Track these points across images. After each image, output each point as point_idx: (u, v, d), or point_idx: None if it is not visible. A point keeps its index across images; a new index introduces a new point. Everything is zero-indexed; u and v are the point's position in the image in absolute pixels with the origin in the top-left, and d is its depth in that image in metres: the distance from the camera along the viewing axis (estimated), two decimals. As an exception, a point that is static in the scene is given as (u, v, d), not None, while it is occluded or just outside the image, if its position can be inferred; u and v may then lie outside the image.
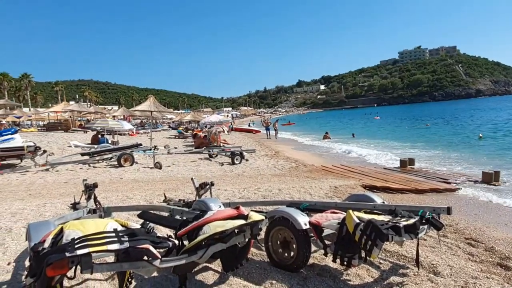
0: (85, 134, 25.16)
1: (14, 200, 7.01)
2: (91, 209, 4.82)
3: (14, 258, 3.93)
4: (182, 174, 10.41)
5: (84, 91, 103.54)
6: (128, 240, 2.40)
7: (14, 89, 74.90)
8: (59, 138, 22.05)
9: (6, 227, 5.06)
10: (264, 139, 27.54)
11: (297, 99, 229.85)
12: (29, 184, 8.85)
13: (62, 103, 43.36)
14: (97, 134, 19.06)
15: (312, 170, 10.86)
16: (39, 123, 46.01)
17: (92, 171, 10.93)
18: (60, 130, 29.86)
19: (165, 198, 6.29)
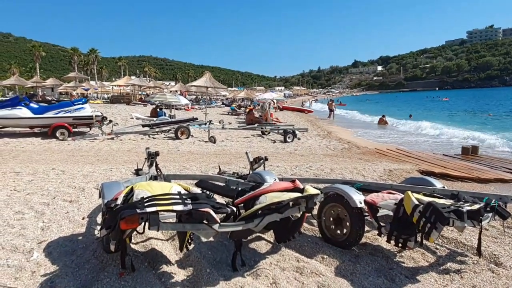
0: (144, 108, 26.37)
1: (85, 164, 7.62)
2: (152, 175, 5.13)
3: (87, 214, 4.32)
4: (235, 149, 10.64)
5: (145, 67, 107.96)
6: (191, 203, 2.56)
7: (83, 63, 79.93)
8: (121, 110, 23.32)
9: (79, 187, 5.54)
10: (317, 119, 27.20)
11: (351, 80, 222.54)
12: (97, 151, 9.54)
13: (125, 78, 45.58)
14: (156, 107, 19.89)
15: (365, 152, 10.60)
16: (104, 95, 48.92)
17: (152, 142, 11.50)
18: (122, 103, 31.55)
19: (220, 170, 6.51)
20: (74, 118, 11.61)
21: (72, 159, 8.29)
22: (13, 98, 12.61)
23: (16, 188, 5.37)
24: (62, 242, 3.49)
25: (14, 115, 11.17)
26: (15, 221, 3.99)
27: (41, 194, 5.11)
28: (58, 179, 6.08)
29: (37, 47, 71.74)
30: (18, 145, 10.11)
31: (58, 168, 7.00)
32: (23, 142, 10.49)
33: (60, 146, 10.16)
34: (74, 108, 11.70)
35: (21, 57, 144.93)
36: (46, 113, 11.53)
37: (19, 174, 6.40)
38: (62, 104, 12.38)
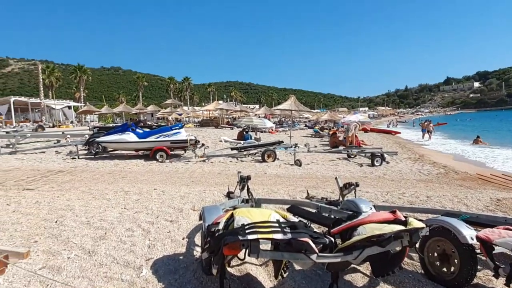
0: (231, 131, 27.50)
1: (181, 185, 8.14)
2: (244, 198, 5.26)
3: (186, 234, 4.56)
4: (321, 173, 10.47)
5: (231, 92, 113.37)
6: (290, 231, 2.55)
7: (177, 90, 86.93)
8: (211, 133, 24.63)
9: (178, 207, 5.91)
10: (406, 141, 25.63)
11: (443, 98, 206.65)
12: (191, 173, 10.14)
13: (214, 103, 48.22)
14: (242, 130, 20.60)
15: (465, 178, 9.63)
16: (195, 119, 52.30)
17: (240, 164, 11.88)
18: (211, 126, 33.35)
19: (308, 194, 6.43)
20: (172, 142, 12.58)
21: (170, 180, 8.91)
22: (123, 125, 14.16)
23: (126, 207, 5.92)
24: (166, 261, 3.72)
25: (123, 139, 12.51)
26: (126, 238, 4.38)
27: (146, 213, 5.55)
28: (160, 199, 6.56)
29: (140, 78, 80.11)
30: (126, 166, 11.22)
31: (159, 188, 7.57)
32: (129, 164, 11.63)
33: (159, 167, 11.03)
34: (172, 133, 12.70)
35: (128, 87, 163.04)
36: (148, 138, 12.69)
37: (127, 193, 7.06)
38: (162, 129, 13.51)
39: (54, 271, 3.45)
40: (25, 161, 12.47)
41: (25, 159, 12.95)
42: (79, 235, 4.46)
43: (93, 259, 3.73)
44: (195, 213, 5.54)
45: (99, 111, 46.65)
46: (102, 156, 13.30)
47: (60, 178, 8.97)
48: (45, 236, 4.41)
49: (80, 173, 9.83)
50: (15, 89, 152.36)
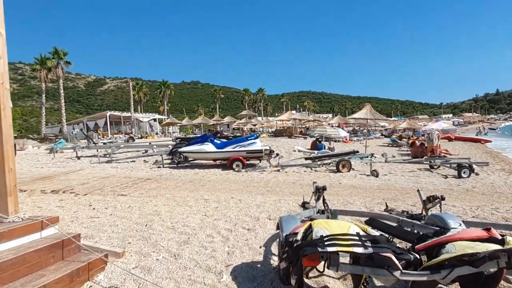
0: (304, 140, 27.32)
1: (257, 194, 8.28)
2: (320, 209, 5.18)
3: (263, 243, 4.63)
4: (400, 184, 9.90)
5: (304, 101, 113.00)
6: (371, 246, 2.45)
7: (252, 101, 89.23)
8: (284, 143, 24.74)
9: (254, 216, 6.03)
10: (498, 151, 23.11)
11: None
12: (266, 182, 10.28)
13: (287, 113, 48.50)
14: (316, 140, 20.36)
15: None
16: (269, 130, 53.03)
17: (314, 174, 11.74)
18: (285, 136, 33.51)
19: (387, 207, 6.12)
20: (248, 152, 12.91)
21: (246, 189, 9.13)
22: (202, 136, 14.90)
23: (206, 214, 6.21)
24: (244, 268, 3.81)
25: (203, 149, 13.17)
26: (207, 244, 4.58)
27: (225, 220, 5.75)
28: (237, 207, 6.75)
29: (217, 91, 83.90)
30: (205, 175, 11.76)
31: (236, 197, 7.80)
32: (208, 173, 12.17)
33: (236, 176, 11.36)
34: (247, 143, 13.04)
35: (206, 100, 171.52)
36: (225, 148, 13.18)
37: (207, 201, 7.39)
38: (238, 139, 13.93)
39: (145, 271, 3.74)
40: (119, 169, 13.74)
41: (119, 167, 14.26)
42: (165, 238, 4.78)
43: (179, 262, 3.96)
44: (271, 222, 5.60)
45: (180, 123, 49.80)
46: (183, 165, 14.12)
47: (148, 185, 9.70)
48: (137, 238, 4.80)
49: (165, 181, 10.53)
50: (110, 105, 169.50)
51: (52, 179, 11.03)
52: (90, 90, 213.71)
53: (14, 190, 3.97)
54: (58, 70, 44.40)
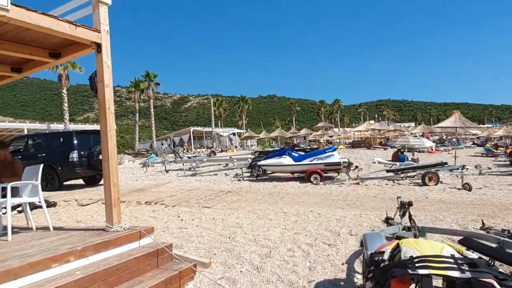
0: (385, 151, 26.01)
1: (336, 208, 8.09)
2: (405, 226, 4.87)
3: (345, 259, 4.50)
4: (498, 199, 8.88)
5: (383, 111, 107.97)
6: (469, 270, 2.24)
7: (328, 113, 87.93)
8: (363, 154, 23.83)
9: (335, 231, 5.89)
10: None
11: None
12: (345, 195, 10.00)
13: (365, 123, 46.78)
14: (398, 151, 19.26)
15: None
16: (346, 141, 51.61)
17: (397, 188, 11.10)
18: (363, 147, 32.29)
19: (483, 225, 5.53)
20: (325, 164, 12.71)
21: (325, 202, 8.97)
22: (281, 149, 15.09)
23: (286, 227, 6.24)
24: (327, 285, 3.74)
25: (281, 163, 13.30)
26: (288, 258, 4.59)
27: (305, 234, 5.71)
28: (317, 221, 6.67)
29: (293, 103, 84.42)
30: (283, 188, 11.84)
31: (315, 210, 7.71)
32: (286, 186, 12.23)
33: (314, 189, 11.24)
34: (325, 156, 12.85)
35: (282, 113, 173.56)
36: (303, 161, 13.15)
37: (286, 214, 7.43)
38: (316, 152, 13.82)
39: (230, 282, 3.88)
40: (203, 182, 14.49)
41: (203, 180, 15.05)
42: (248, 251, 4.90)
43: (261, 275, 4.03)
44: (352, 238, 5.42)
45: (258, 136, 50.97)
46: (262, 178, 14.38)
47: (230, 198, 10.07)
48: (222, 250, 5.01)
49: (245, 194, 10.83)
50: (193, 121, 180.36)
51: (145, 191, 12.04)
52: (175, 108, 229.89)
53: (117, 202, 4.43)
54: (149, 91, 48.76)
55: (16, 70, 5.54)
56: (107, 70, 4.45)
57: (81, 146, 12.90)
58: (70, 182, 14.23)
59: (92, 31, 4.37)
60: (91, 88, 4.58)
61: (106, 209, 4.45)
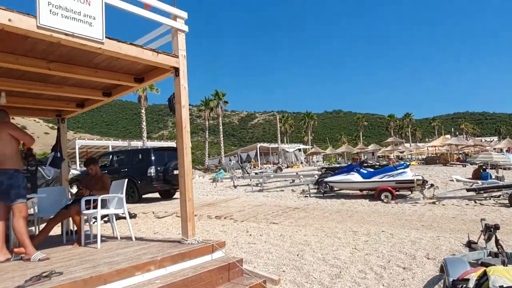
0: (464, 168, 23.96)
1: (410, 228, 7.60)
2: (491, 251, 4.45)
3: (422, 285, 4.20)
4: None
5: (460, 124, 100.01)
6: None
7: (398, 127, 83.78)
8: (439, 171, 22.18)
9: (409, 253, 5.54)
10: None
11: None
12: (419, 215, 9.36)
13: (441, 138, 43.70)
14: (479, 168, 17.59)
15: None
16: (418, 157, 48.51)
17: (479, 209, 10.12)
18: (438, 163, 30.05)
19: None
20: (397, 182, 12.06)
21: (397, 222, 8.49)
22: (348, 165, 14.66)
23: (356, 247, 6.01)
24: (403, 311, 3.52)
25: (349, 179, 12.92)
26: (360, 280, 4.41)
27: (377, 256, 5.45)
28: (389, 242, 6.33)
29: (360, 118, 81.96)
30: (352, 205, 11.45)
31: (387, 231, 7.33)
32: (355, 203, 11.81)
33: (385, 208, 10.70)
34: (396, 173, 12.22)
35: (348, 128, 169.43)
36: (372, 178, 12.62)
37: (356, 233, 7.16)
38: (386, 169, 13.20)
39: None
40: (270, 198, 14.60)
41: (269, 196, 15.16)
42: (317, 270, 4.81)
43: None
44: (430, 262, 5.04)
45: (324, 152, 50.15)
46: (330, 195, 14.07)
47: (297, 214, 10.00)
48: (290, 267, 4.98)
49: (312, 211, 10.68)
50: (259, 137, 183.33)
51: (215, 206, 12.46)
52: (242, 125, 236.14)
53: (192, 217, 4.67)
54: (218, 109, 50.95)
55: (107, 94, 6.18)
56: (184, 92, 4.78)
57: (158, 162, 13.84)
58: (147, 196, 15.25)
59: (171, 57, 4.74)
60: (170, 109, 4.94)
61: (182, 222, 4.70)
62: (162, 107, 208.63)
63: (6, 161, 4.15)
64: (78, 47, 3.91)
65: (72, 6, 3.63)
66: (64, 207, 5.42)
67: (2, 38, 3.77)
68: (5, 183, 4.10)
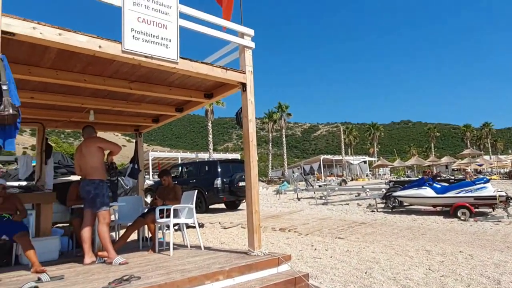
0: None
1: (493, 250, 6.88)
2: None
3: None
4: None
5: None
6: None
7: (475, 138, 77.02)
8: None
9: (493, 277, 5.01)
10: None
11: None
12: (503, 235, 8.44)
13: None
14: None
15: None
16: (500, 170, 43.98)
17: None
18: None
19: None
20: (476, 198, 11.03)
21: (477, 242, 7.73)
22: (420, 179, 13.75)
23: (430, 268, 5.59)
24: None
25: (420, 194, 12.11)
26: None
27: (455, 278, 5.01)
28: (468, 264, 5.79)
29: (432, 129, 76.76)
30: (424, 222, 10.70)
31: (465, 251, 6.72)
32: (427, 220, 11.02)
33: (462, 226, 9.83)
34: (475, 188, 11.17)
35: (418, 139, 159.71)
36: (447, 193, 11.69)
37: (430, 252, 6.67)
38: (463, 184, 12.15)
39: (369, 321, 3.65)
40: (334, 211, 14.21)
41: (334, 209, 14.77)
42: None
43: (405, 319, 3.68)
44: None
45: (391, 164, 47.71)
46: (399, 210, 13.30)
47: (363, 230, 9.60)
48: (358, 285, 4.77)
49: (380, 226, 10.18)
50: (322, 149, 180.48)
51: (279, 218, 12.45)
52: (305, 136, 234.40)
53: (258, 229, 4.72)
54: (281, 121, 51.25)
55: (179, 110, 6.57)
56: (251, 106, 4.91)
57: (224, 173, 14.26)
58: (213, 206, 15.74)
59: (239, 73, 4.92)
60: (237, 123, 5.09)
61: (248, 234, 4.78)
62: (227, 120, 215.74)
63: (94, 172, 4.60)
64: (155, 67, 4.24)
65: (151, 31, 3.95)
66: (141, 215, 5.82)
67: (92, 62, 4.23)
68: (92, 192, 4.53)
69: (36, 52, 3.86)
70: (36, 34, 3.21)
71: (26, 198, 5.39)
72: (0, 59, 3.00)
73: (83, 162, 4.69)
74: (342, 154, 56.21)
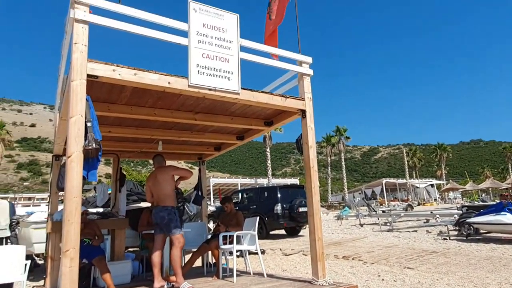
0: None
1: None
2: None
3: None
4: None
5: None
6: None
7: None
8: None
9: None
10: None
11: None
12: None
13: None
14: None
15: None
16: None
17: None
18: None
19: None
20: None
21: None
22: (498, 204, 12.48)
23: (518, 305, 4.97)
24: None
25: (499, 221, 10.95)
26: None
27: (550, 318, 4.39)
28: None
29: (508, 148, 69.81)
30: (506, 252, 9.60)
31: (560, 287, 5.88)
32: (509, 249, 9.87)
33: (554, 258, 8.66)
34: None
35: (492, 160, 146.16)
36: (532, 219, 10.45)
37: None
38: (550, 209, 10.80)
39: None
40: (401, 238, 13.33)
41: (400, 236, 13.86)
42: (469, 328, 4.11)
43: None
44: None
45: (463, 187, 44.00)
46: (475, 238, 12.11)
47: (435, 259, 8.85)
48: (434, 321, 4.38)
49: (453, 256, 9.32)
50: (384, 172, 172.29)
51: (342, 245, 11.96)
52: (365, 159, 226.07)
53: (321, 256, 4.59)
54: (340, 145, 50.14)
55: (240, 138, 6.76)
56: (311, 132, 4.90)
57: (284, 199, 14.18)
58: (274, 232, 15.61)
59: (298, 100, 4.97)
60: (298, 149, 5.09)
61: (312, 262, 4.65)
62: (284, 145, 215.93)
63: (167, 199, 4.84)
64: (218, 99, 4.44)
65: (214, 65, 4.18)
66: (205, 241, 5.96)
67: (162, 97, 4.55)
68: (166, 218, 4.76)
69: (114, 91, 4.26)
70: (115, 75, 3.57)
71: (103, 224, 5.80)
72: (86, 100, 3.36)
73: (157, 189, 4.95)
74: (406, 177, 53.06)
